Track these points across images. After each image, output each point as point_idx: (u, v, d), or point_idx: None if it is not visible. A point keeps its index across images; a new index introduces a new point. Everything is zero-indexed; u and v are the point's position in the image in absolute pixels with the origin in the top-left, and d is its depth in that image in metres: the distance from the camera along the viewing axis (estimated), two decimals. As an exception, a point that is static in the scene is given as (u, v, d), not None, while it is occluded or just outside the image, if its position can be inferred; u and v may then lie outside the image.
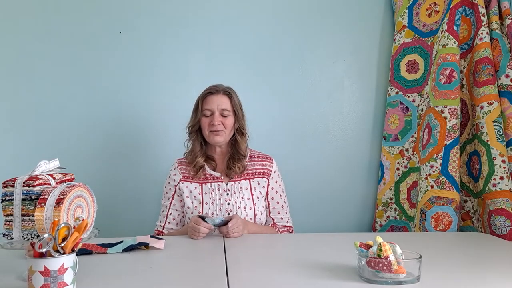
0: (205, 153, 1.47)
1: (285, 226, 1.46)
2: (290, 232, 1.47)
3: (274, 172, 1.48)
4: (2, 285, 0.88)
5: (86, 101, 1.86)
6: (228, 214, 1.40)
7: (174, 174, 1.48)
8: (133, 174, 1.89)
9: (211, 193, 1.41)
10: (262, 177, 1.46)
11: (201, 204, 1.40)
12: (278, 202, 1.48)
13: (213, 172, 1.45)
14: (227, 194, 1.41)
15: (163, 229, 1.46)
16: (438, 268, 0.98)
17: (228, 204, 1.40)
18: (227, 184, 1.42)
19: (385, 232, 1.89)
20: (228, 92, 1.46)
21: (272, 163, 1.50)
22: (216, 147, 1.47)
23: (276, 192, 1.48)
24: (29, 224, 0.89)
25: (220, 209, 1.40)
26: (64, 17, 1.85)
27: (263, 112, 1.92)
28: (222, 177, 1.44)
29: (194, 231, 1.27)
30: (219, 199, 1.40)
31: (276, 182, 1.48)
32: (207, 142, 1.47)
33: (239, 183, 1.42)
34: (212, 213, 1.40)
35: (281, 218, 1.47)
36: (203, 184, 1.43)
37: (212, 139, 1.43)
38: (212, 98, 1.44)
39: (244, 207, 1.40)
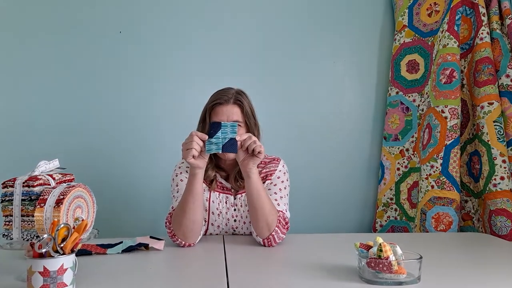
0: (215, 165, 1.35)
1: (280, 211, 1.25)
2: (283, 223, 1.23)
3: (280, 171, 1.35)
4: (1, 286, 0.88)
5: (85, 101, 1.86)
6: (234, 230, 1.36)
7: (187, 167, 1.30)
8: (133, 174, 1.88)
9: (218, 204, 1.34)
10: (266, 180, 1.34)
11: (208, 212, 1.33)
12: (275, 192, 1.31)
13: (224, 182, 1.36)
14: (234, 209, 1.34)
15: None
16: (438, 269, 0.98)
17: (235, 221, 1.35)
18: (234, 198, 1.35)
19: (385, 233, 1.88)
20: (239, 101, 1.30)
21: (278, 163, 1.37)
22: (227, 160, 1.34)
23: (275, 185, 1.32)
24: (29, 224, 0.89)
25: (226, 224, 1.35)
26: (63, 17, 1.85)
27: (262, 112, 1.90)
28: (232, 190, 1.35)
29: (187, 141, 1.13)
30: (226, 213, 1.34)
31: (278, 177, 1.34)
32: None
33: (246, 192, 1.31)
34: (218, 226, 1.35)
35: (278, 204, 1.27)
36: (212, 192, 1.34)
37: (223, 155, 1.28)
38: (221, 109, 1.28)
39: (250, 222, 1.30)
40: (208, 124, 1.26)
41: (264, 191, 1.22)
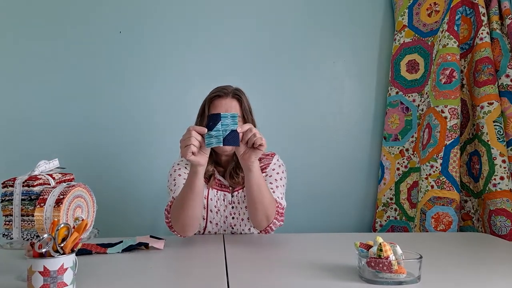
0: (213, 161, 1.34)
1: (275, 200, 1.26)
2: (280, 212, 1.25)
3: (274, 164, 1.36)
4: (2, 285, 0.88)
5: (85, 101, 1.86)
6: (232, 228, 1.36)
7: (187, 164, 1.33)
8: (133, 174, 1.89)
9: (216, 201, 1.34)
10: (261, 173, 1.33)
11: (206, 209, 1.33)
12: (271, 182, 1.31)
13: (222, 179, 1.36)
14: (232, 207, 1.35)
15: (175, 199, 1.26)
16: (438, 268, 0.98)
17: (233, 218, 1.35)
18: (232, 196, 1.35)
19: (385, 232, 1.88)
20: (237, 95, 1.32)
21: (273, 157, 1.38)
22: (223, 155, 1.34)
23: (271, 176, 1.33)
24: (29, 224, 0.89)
25: (224, 222, 1.35)
26: (63, 17, 1.85)
27: (262, 112, 1.90)
28: (230, 188, 1.35)
29: (185, 138, 1.08)
30: (224, 210, 1.35)
31: (273, 169, 1.34)
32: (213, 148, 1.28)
33: (242, 191, 1.34)
34: (217, 224, 1.36)
35: (273, 192, 1.28)
36: (210, 189, 1.33)
37: (219, 148, 1.28)
38: (220, 102, 1.30)
39: (248, 218, 1.33)
40: (207, 116, 1.22)
41: (265, 184, 1.21)
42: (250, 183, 1.17)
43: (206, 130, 1.07)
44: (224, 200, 1.35)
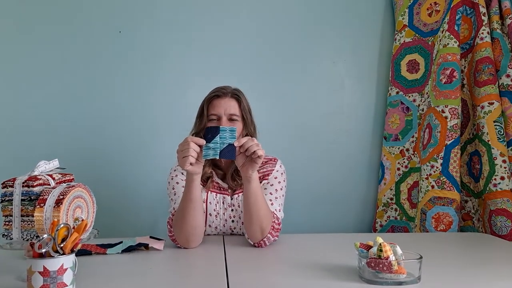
0: (212, 163, 1.35)
1: (273, 213, 1.24)
2: (275, 227, 1.22)
3: (277, 171, 1.35)
4: (2, 286, 0.88)
5: (85, 101, 1.86)
6: (232, 231, 1.36)
7: (183, 170, 1.34)
8: (133, 174, 1.88)
9: (215, 205, 1.33)
10: (263, 180, 1.33)
11: (205, 213, 1.31)
12: (270, 192, 1.30)
13: (220, 182, 1.35)
14: (232, 210, 1.34)
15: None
16: (438, 269, 0.98)
17: (232, 221, 1.35)
18: (231, 199, 1.34)
19: (385, 233, 1.88)
20: (236, 95, 1.33)
21: (276, 164, 1.36)
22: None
23: (272, 185, 1.32)
24: (29, 224, 0.89)
25: (224, 225, 1.35)
26: (63, 17, 1.85)
27: (262, 112, 1.90)
28: (229, 190, 1.35)
29: (183, 148, 1.08)
30: (223, 213, 1.34)
31: (275, 178, 1.33)
32: None
33: (243, 194, 1.31)
34: (216, 227, 1.35)
35: (272, 204, 1.27)
36: (209, 192, 1.33)
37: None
38: (219, 102, 1.30)
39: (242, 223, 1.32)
40: (205, 128, 1.23)
41: (262, 196, 1.21)
42: (248, 194, 1.18)
43: (204, 142, 1.09)
44: (223, 203, 1.34)
